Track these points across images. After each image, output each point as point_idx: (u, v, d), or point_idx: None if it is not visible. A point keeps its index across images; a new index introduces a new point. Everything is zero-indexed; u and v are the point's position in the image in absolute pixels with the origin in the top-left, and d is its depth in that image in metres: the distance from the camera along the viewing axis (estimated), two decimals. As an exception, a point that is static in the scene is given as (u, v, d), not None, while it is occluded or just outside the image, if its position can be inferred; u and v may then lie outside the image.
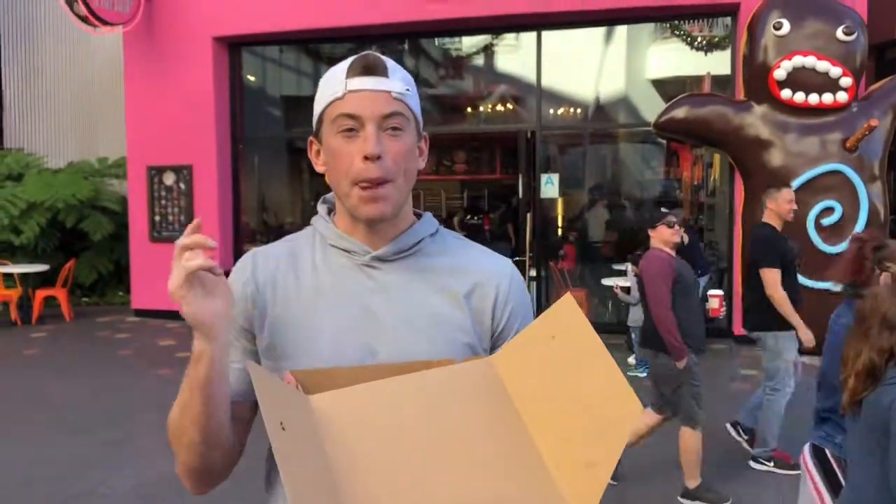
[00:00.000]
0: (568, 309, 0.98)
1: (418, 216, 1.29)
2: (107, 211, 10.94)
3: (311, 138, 1.25)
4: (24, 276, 9.71)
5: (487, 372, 1.03)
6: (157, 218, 9.75)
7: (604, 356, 0.92)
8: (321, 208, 1.31)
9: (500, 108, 10.04)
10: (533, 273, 8.96)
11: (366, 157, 1.12)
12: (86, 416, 5.86)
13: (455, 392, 1.00)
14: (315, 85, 1.20)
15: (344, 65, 1.18)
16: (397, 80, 1.18)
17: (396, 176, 1.16)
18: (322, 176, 1.24)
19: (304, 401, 0.94)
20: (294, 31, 9.19)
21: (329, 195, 1.32)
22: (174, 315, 9.58)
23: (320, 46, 10.05)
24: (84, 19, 8.83)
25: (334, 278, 1.20)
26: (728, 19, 8.31)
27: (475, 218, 13.41)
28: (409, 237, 1.23)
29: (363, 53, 1.18)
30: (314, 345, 1.15)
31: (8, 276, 9.71)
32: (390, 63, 1.19)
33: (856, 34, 7.31)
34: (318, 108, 1.20)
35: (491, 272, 1.26)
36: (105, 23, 8.92)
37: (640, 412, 0.88)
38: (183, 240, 1.01)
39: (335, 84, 1.17)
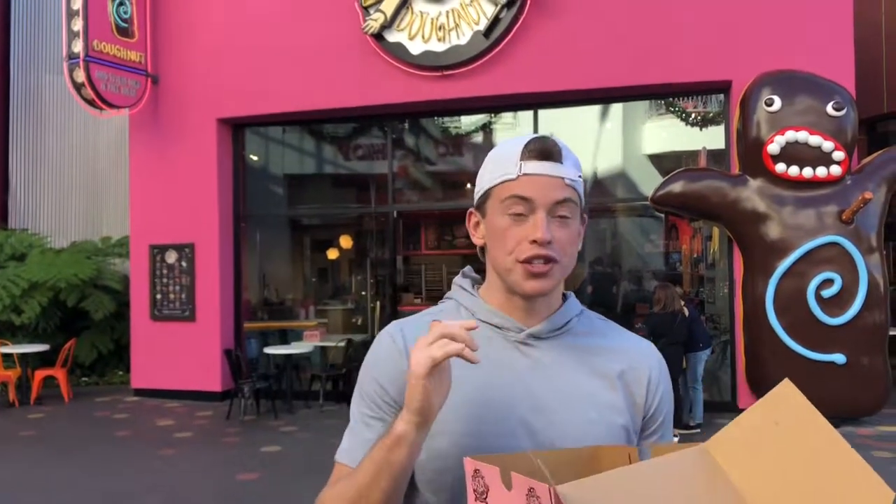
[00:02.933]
0: (789, 394, 0.91)
1: (563, 296, 1.28)
2: (108, 290, 10.96)
3: (471, 210, 1.25)
4: (23, 356, 9.66)
5: (705, 459, 0.95)
6: (159, 296, 9.76)
7: (840, 442, 0.86)
8: (464, 282, 1.29)
9: (499, 184, 10.17)
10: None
11: (534, 241, 1.13)
12: (84, 498, 5.75)
13: (684, 481, 0.93)
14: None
15: (518, 145, 1.17)
16: (570, 167, 1.17)
17: (561, 258, 1.16)
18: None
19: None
20: (296, 112, 9.39)
21: (468, 269, 1.32)
22: (173, 394, 9.53)
23: (322, 126, 10.25)
24: (91, 102, 9.04)
25: (488, 354, 1.14)
26: (721, 96, 8.50)
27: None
28: (561, 316, 1.22)
29: (539, 137, 1.17)
30: (471, 423, 1.13)
31: (7, 356, 9.67)
32: (564, 148, 1.18)
33: (845, 109, 7.46)
34: (485, 184, 1.20)
35: (641, 354, 1.26)
36: (112, 106, 9.13)
37: (891, 500, 0.80)
38: (453, 329, 0.99)
39: (508, 164, 1.16)
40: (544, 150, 1.15)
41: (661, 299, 7.55)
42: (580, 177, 1.19)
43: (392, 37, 8.71)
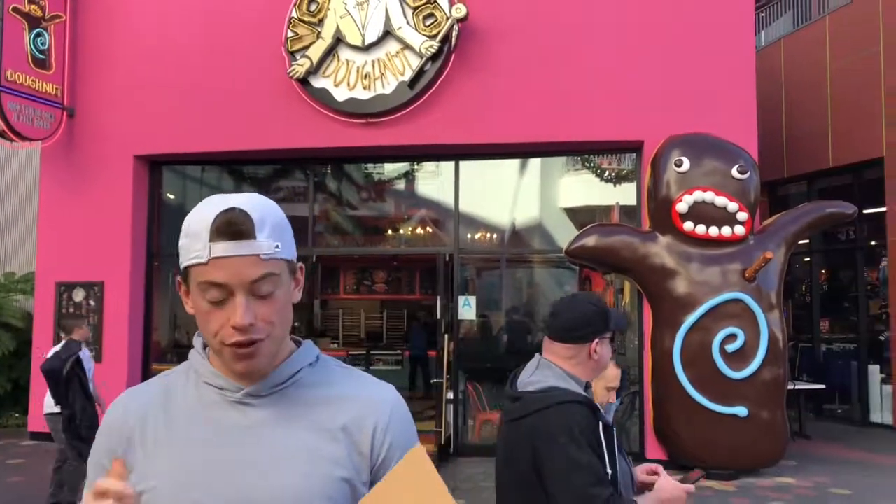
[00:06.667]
0: (419, 459, 1.06)
1: (298, 343, 1.26)
2: (9, 327, 10.49)
3: (178, 278, 1.20)
4: (-89, 395, 9.12)
5: None
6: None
7: (447, 498, 1.05)
8: (197, 342, 1.28)
9: (419, 231, 10.26)
10: (451, 395, 8.94)
11: (235, 327, 1.11)
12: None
13: None
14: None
15: (207, 219, 1.11)
16: (265, 239, 1.12)
17: (270, 332, 1.15)
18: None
19: None
20: (217, 151, 9.30)
21: None
22: (74, 438, 9.09)
23: (243, 167, 10.16)
24: (1, 134, 8.73)
25: (206, 417, 1.18)
26: (633, 154, 8.84)
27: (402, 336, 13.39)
28: (285, 369, 1.20)
29: (227, 210, 1.11)
30: (183, 490, 1.12)
31: None
32: (257, 218, 1.12)
33: (749, 173, 7.87)
34: (182, 259, 1.15)
35: (371, 402, 1.23)
36: (24, 138, 8.85)
37: None
38: (102, 484, 1.02)
39: (198, 244, 1.11)
40: (232, 229, 1.10)
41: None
42: (279, 246, 1.14)
43: (317, 82, 8.78)
